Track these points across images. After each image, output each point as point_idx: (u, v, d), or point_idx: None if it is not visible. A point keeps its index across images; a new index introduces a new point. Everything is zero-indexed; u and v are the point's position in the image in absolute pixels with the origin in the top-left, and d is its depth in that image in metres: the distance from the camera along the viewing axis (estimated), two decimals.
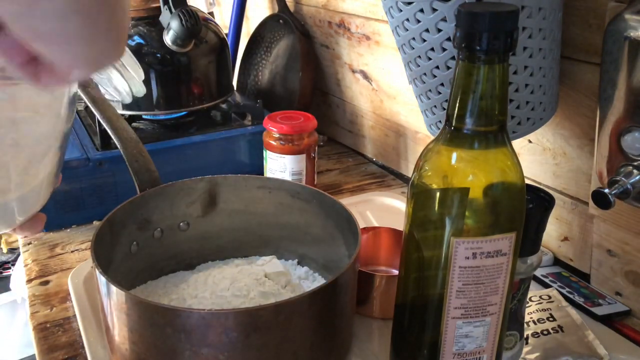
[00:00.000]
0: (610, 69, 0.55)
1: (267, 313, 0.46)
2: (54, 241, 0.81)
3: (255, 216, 0.69)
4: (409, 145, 0.98)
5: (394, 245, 0.70)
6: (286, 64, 1.16)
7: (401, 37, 0.60)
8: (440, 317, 0.46)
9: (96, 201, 0.84)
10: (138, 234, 0.63)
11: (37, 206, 0.44)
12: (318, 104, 1.20)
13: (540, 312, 0.61)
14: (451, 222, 0.43)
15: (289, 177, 0.84)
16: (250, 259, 0.69)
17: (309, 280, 0.66)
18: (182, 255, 0.68)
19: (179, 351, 0.47)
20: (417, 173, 0.45)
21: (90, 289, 0.68)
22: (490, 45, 0.39)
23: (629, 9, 0.53)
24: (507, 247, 0.43)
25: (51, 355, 0.60)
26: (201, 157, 0.91)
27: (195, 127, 0.95)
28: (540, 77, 0.59)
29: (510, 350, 0.53)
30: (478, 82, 0.40)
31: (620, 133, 0.55)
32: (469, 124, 0.42)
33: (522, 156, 0.74)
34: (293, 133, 0.82)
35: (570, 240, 0.71)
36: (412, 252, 0.47)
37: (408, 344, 0.50)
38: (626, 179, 0.53)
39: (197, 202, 0.67)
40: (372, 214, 0.86)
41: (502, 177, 0.43)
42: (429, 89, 0.61)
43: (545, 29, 0.57)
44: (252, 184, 0.67)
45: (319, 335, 0.51)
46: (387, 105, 1.00)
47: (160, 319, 0.46)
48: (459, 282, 0.44)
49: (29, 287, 0.71)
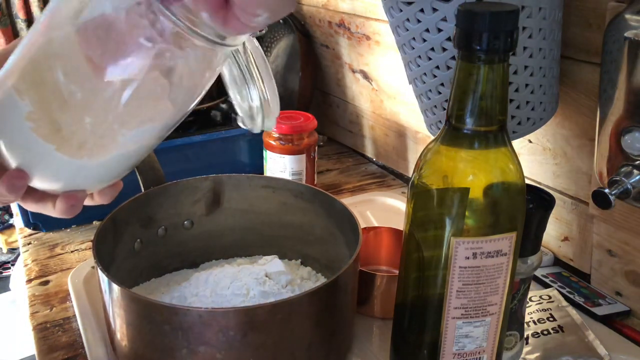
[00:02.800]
0: (610, 69, 0.55)
1: (265, 312, 0.46)
2: (54, 241, 0.81)
3: (259, 215, 0.69)
4: (409, 145, 0.98)
5: (395, 245, 0.70)
6: (286, 64, 1.16)
7: (401, 37, 0.60)
8: (440, 317, 0.46)
9: None
10: (142, 232, 0.63)
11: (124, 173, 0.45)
12: (318, 104, 1.20)
13: (540, 312, 0.61)
14: (451, 222, 0.43)
15: (289, 177, 0.84)
16: (253, 258, 0.70)
17: (311, 281, 0.66)
18: (186, 253, 0.68)
19: (177, 349, 0.47)
20: (417, 173, 0.45)
21: (90, 289, 0.68)
22: (490, 45, 0.39)
23: (629, 9, 0.53)
24: (507, 247, 0.43)
25: (51, 355, 0.60)
26: (201, 157, 0.91)
27: (195, 127, 0.95)
28: (540, 77, 0.59)
29: (510, 350, 0.53)
30: (478, 82, 0.40)
31: (620, 133, 0.55)
32: (469, 123, 0.42)
33: (522, 156, 0.73)
34: (293, 133, 0.82)
35: (571, 240, 0.71)
36: (412, 252, 0.47)
37: (408, 344, 0.50)
38: (626, 179, 0.53)
39: (201, 201, 0.67)
40: (373, 214, 0.86)
41: (502, 177, 0.43)
42: (429, 89, 0.61)
43: (545, 29, 0.57)
44: (257, 184, 0.67)
45: (318, 335, 0.51)
46: (387, 105, 1.00)
47: (158, 317, 0.47)
48: (459, 282, 0.44)
49: (29, 287, 0.71)
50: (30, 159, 0.39)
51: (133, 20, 0.34)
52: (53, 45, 0.36)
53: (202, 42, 0.35)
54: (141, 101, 0.37)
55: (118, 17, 0.34)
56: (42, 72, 0.36)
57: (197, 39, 0.35)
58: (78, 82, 0.36)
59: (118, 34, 0.34)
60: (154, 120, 0.39)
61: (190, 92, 0.39)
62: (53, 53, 0.36)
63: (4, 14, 2.06)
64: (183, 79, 0.37)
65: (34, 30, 0.37)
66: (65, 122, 0.37)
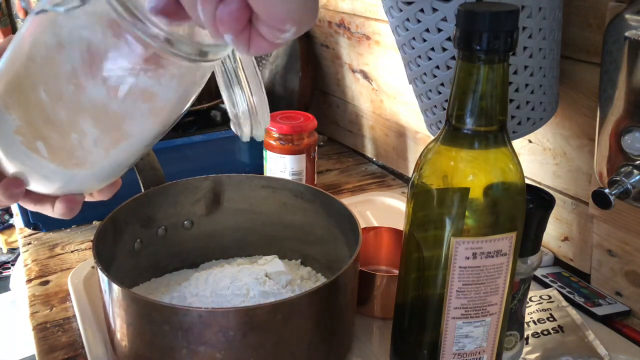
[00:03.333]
0: (610, 69, 0.55)
1: (264, 312, 0.46)
2: (53, 241, 0.81)
3: (259, 215, 0.69)
4: (409, 145, 0.98)
5: (395, 245, 0.70)
6: (286, 64, 1.16)
7: (401, 37, 0.60)
8: (441, 317, 0.46)
9: (96, 201, 0.84)
10: (142, 232, 0.63)
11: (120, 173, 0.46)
12: (318, 104, 1.20)
13: (540, 312, 0.61)
14: (451, 222, 0.43)
15: (289, 177, 0.84)
16: (253, 259, 0.70)
17: (311, 281, 0.66)
18: (186, 253, 0.68)
19: (176, 349, 0.47)
20: (417, 173, 0.45)
21: (90, 289, 0.68)
22: (490, 45, 0.39)
23: (629, 9, 0.53)
24: (507, 247, 0.43)
25: (51, 356, 0.60)
26: (201, 157, 0.91)
27: (195, 127, 0.95)
28: (540, 77, 0.59)
29: (510, 350, 0.53)
30: (478, 82, 0.40)
31: (620, 133, 0.55)
32: (469, 123, 0.42)
33: (522, 156, 0.73)
34: (293, 133, 0.82)
35: (571, 240, 0.71)
36: (412, 252, 0.47)
37: (408, 344, 0.50)
38: (626, 179, 0.53)
39: (201, 201, 0.67)
40: (373, 214, 0.86)
41: (502, 177, 0.43)
42: (429, 89, 0.61)
43: (545, 29, 0.57)
44: (257, 184, 0.67)
45: (318, 335, 0.51)
46: (387, 105, 1.00)
47: (158, 317, 0.47)
48: (459, 282, 0.44)
49: (29, 287, 0.71)
50: (24, 169, 0.40)
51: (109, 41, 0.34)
52: (35, 63, 0.36)
53: (183, 61, 0.35)
54: (125, 118, 0.37)
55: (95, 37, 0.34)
56: (26, 91, 0.37)
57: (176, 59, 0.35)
58: (61, 101, 0.36)
59: (96, 54, 0.34)
60: (141, 133, 0.40)
61: (176, 103, 0.39)
62: (35, 72, 0.36)
63: (4, 13, 2.06)
64: (167, 93, 0.37)
65: (19, 38, 0.37)
66: (52, 138, 0.38)
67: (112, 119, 0.37)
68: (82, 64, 0.34)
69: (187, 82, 0.38)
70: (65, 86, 0.35)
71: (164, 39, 0.33)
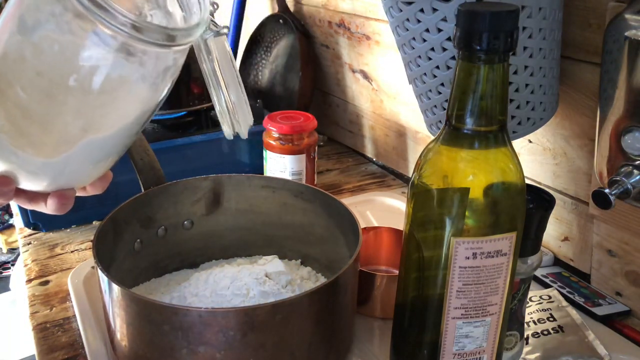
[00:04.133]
0: (610, 69, 0.55)
1: (264, 312, 0.46)
2: (53, 241, 0.81)
3: (259, 215, 0.69)
4: (409, 145, 0.98)
5: (395, 245, 0.70)
6: (286, 63, 1.16)
7: (401, 37, 0.60)
8: (441, 317, 0.46)
9: (96, 201, 0.83)
10: (142, 232, 0.63)
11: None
12: (318, 104, 1.20)
13: (540, 312, 0.61)
14: (451, 222, 0.43)
15: (289, 177, 0.84)
16: (253, 259, 0.70)
17: (311, 281, 0.66)
18: (186, 253, 0.68)
19: (176, 349, 0.47)
20: (417, 173, 0.45)
21: (90, 289, 0.68)
22: (490, 45, 0.39)
23: (629, 9, 0.53)
24: (507, 247, 0.43)
25: (51, 356, 0.60)
26: (201, 157, 0.91)
27: (195, 127, 0.95)
28: (540, 77, 0.59)
29: (510, 350, 0.53)
30: (478, 82, 0.40)
31: (620, 133, 0.55)
32: (469, 123, 0.42)
33: (522, 156, 0.73)
34: (293, 133, 0.82)
35: (571, 240, 0.71)
36: (412, 252, 0.47)
37: (408, 344, 0.50)
38: (626, 179, 0.53)
39: (201, 201, 0.67)
40: (373, 214, 0.85)
41: (502, 177, 0.43)
42: (429, 89, 0.61)
43: (546, 29, 0.57)
44: (256, 184, 0.67)
45: (318, 335, 0.51)
46: (387, 105, 1.00)
47: (157, 317, 0.47)
48: (459, 282, 0.44)
49: (29, 287, 0.71)
50: (11, 167, 0.41)
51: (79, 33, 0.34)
52: (7, 62, 0.36)
53: (152, 47, 0.36)
54: (103, 107, 0.38)
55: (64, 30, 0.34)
56: (3, 88, 0.37)
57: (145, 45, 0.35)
58: (37, 97, 0.37)
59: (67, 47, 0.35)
60: (121, 121, 0.40)
61: (152, 88, 0.40)
62: (9, 69, 0.36)
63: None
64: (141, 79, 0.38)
65: None
66: (33, 133, 0.38)
67: (90, 109, 0.37)
68: (54, 59, 0.35)
69: (160, 66, 0.38)
70: (40, 82, 0.36)
71: (131, 27, 0.34)
